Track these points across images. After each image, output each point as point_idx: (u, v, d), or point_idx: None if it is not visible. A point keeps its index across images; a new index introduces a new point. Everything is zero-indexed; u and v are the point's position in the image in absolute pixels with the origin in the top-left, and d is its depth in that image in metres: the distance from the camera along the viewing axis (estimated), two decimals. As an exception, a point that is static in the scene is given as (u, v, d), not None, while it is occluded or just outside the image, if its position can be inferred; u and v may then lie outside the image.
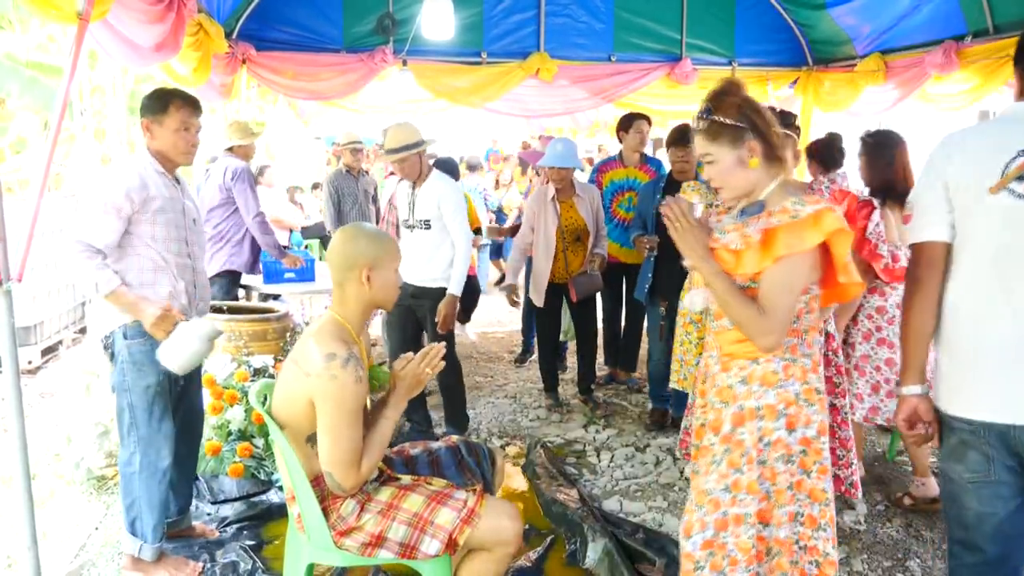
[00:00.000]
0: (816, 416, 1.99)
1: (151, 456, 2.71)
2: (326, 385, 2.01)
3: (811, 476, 2.00)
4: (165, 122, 2.70)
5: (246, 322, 4.13)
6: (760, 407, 1.98)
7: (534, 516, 3.32)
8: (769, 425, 1.97)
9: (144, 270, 2.66)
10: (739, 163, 1.96)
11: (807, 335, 2.00)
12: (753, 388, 1.99)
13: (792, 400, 1.97)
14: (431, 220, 3.88)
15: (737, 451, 2.00)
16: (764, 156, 1.95)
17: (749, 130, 1.94)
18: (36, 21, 7.57)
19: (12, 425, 2.37)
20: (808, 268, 1.92)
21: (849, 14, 5.57)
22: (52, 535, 3.11)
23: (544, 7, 5.86)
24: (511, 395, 5.02)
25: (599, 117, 9.29)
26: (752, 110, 1.95)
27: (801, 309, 1.96)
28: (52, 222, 5.89)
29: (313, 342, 2.08)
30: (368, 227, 2.28)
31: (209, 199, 4.91)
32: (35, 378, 5.41)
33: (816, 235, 1.87)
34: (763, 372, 1.99)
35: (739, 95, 1.97)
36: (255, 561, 2.91)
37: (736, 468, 2.00)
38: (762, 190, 1.99)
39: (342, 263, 2.15)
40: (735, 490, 1.99)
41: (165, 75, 3.95)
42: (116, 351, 2.68)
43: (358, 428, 2.07)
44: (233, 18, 5.30)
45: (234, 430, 3.57)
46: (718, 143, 1.96)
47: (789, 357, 1.98)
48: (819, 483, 2.00)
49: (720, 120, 1.95)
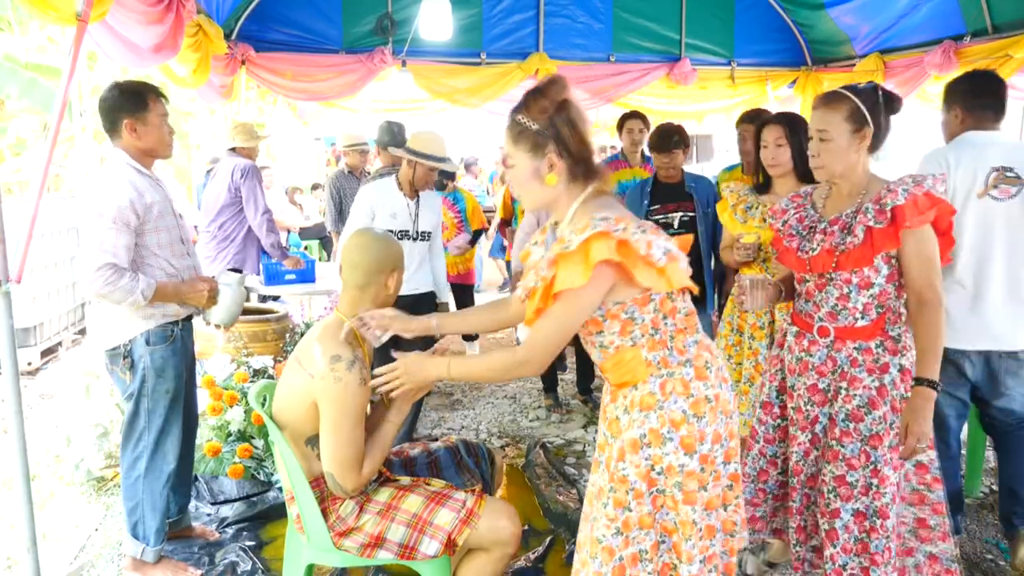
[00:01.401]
0: (710, 428, 1.77)
1: (158, 460, 2.71)
2: (331, 387, 2.01)
3: (708, 491, 1.80)
4: (148, 118, 2.63)
5: (245, 323, 4.13)
6: (644, 434, 1.77)
7: (534, 516, 3.32)
8: (658, 452, 1.77)
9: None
10: (535, 175, 1.78)
11: (675, 340, 1.79)
12: (634, 416, 1.79)
13: (680, 420, 1.76)
14: (431, 232, 3.76)
15: (622, 488, 1.80)
16: (568, 172, 1.77)
17: (552, 140, 1.75)
18: (35, 23, 7.58)
19: (12, 426, 2.37)
20: (588, 302, 1.72)
21: (848, 14, 5.58)
22: (52, 536, 3.12)
23: (543, 7, 5.86)
24: (511, 395, 5.02)
25: (599, 117, 9.29)
26: (564, 118, 1.75)
27: (655, 318, 1.76)
28: (51, 223, 5.90)
29: (318, 344, 2.08)
30: (382, 231, 2.29)
31: (216, 199, 4.91)
32: (35, 379, 5.41)
33: (584, 271, 1.66)
34: (641, 396, 1.78)
35: (553, 97, 1.75)
36: (255, 562, 2.91)
37: (623, 507, 1.80)
38: (564, 208, 1.80)
39: (374, 266, 2.14)
40: (626, 530, 1.80)
41: (164, 76, 3.95)
42: (136, 358, 2.64)
43: (361, 430, 2.08)
44: (232, 19, 5.30)
45: (234, 431, 3.57)
46: (518, 147, 1.78)
47: (665, 372, 1.77)
48: (715, 492, 1.80)
49: (523, 122, 1.77)
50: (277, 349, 4.26)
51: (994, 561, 3.00)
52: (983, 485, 3.60)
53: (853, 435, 2.20)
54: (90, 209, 2.52)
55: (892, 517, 2.21)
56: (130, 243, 2.53)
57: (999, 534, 3.21)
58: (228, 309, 2.83)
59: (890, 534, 2.21)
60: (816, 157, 2.22)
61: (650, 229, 1.74)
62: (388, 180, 3.70)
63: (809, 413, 2.32)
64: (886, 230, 2.12)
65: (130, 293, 2.50)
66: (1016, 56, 4.28)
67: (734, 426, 1.85)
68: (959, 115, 2.79)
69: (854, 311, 2.20)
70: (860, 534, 2.21)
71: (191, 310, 2.77)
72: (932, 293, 2.12)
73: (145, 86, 2.69)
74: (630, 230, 1.69)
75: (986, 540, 3.16)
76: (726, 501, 1.85)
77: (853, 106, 2.15)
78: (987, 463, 3.84)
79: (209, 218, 4.99)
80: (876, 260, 2.15)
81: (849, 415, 2.21)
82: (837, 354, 2.24)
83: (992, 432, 2.99)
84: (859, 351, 2.21)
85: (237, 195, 4.88)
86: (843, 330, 2.22)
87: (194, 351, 2.92)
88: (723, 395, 1.82)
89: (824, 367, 2.27)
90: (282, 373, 2.23)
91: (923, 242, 2.11)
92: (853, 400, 2.20)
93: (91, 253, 2.49)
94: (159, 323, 2.65)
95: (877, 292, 2.17)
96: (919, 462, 2.26)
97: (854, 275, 2.17)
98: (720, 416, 1.81)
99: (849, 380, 2.21)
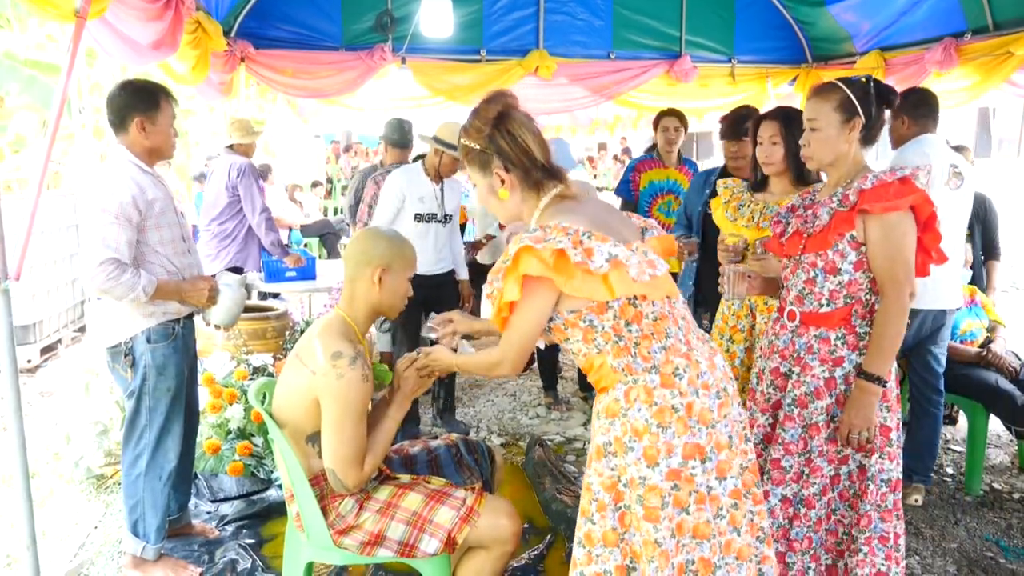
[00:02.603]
0: (678, 440, 1.67)
1: (159, 458, 2.71)
2: (333, 384, 2.01)
3: (690, 513, 1.69)
4: (158, 118, 2.64)
5: (245, 320, 4.13)
6: (610, 442, 1.72)
7: (534, 514, 3.32)
8: (621, 462, 1.70)
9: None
10: (491, 192, 1.83)
11: (639, 347, 1.71)
12: (602, 422, 1.75)
13: (642, 429, 1.68)
14: (452, 214, 4.09)
15: (586, 497, 1.76)
16: (520, 183, 1.79)
17: (495, 156, 1.77)
18: (35, 20, 7.56)
19: (11, 424, 2.37)
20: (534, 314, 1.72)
21: (849, 11, 5.57)
22: (51, 534, 3.12)
23: (543, 4, 5.85)
24: (511, 393, 5.02)
25: (599, 115, 9.29)
26: (504, 132, 1.76)
27: (615, 325, 1.71)
28: (51, 220, 5.90)
29: (319, 340, 2.08)
30: (392, 232, 2.29)
31: (215, 197, 4.91)
32: (34, 377, 5.40)
33: (516, 287, 1.67)
34: (607, 403, 1.74)
35: (487, 115, 1.78)
36: (254, 559, 2.91)
37: (587, 518, 1.74)
38: (528, 218, 1.82)
39: (359, 258, 2.16)
40: (588, 544, 1.74)
41: (163, 73, 3.94)
42: (138, 356, 2.64)
43: (363, 427, 2.08)
44: (232, 16, 5.29)
45: (233, 428, 3.57)
46: (472, 169, 1.84)
47: (630, 379, 1.71)
48: (702, 516, 1.70)
49: (467, 145, 1.82)
50: (277, 347, 4.26)
51: (994, 559, 3.00)
52: (983, 483, 3.61)
53: (796, 420, 2.21)
54: (92, 205, 2.52)
55: (818, 508, 2.22)
56: (132, 239, 2.54)
57: (998, 532, 3.21)
58: (228, 310, 2.80)
59: (812, 524, 2.22)
60: (807, 147, 2.24)
61: (597, 235, 1.68)
62: (415, 166, 4.05)
63: (771, 396, 2.33)
64: (846, 213, 2.12)
65: (132, 289, 2.50)
66: (1017, 53, 4.27)
67: (723, 436, 1.72)
68: (906, 122, 3.33)
69: (820, 296, 2.19)
70: (783, 520, 2.23)
71: (193, 308, 2.76)
72: (893, 287, 2.09)
73: (158, 87, 2.71)
74: (566, 240, 1.66)
75: (986, 538, 3.16)
76: (735, 524, 1.74)
77: (843, 96, 2.16)
78: (987, 461, 3.85)
79: (210, 217, 4.99)
80: (841, 244, 2.13)
81: (796, 400, 2.22)
82: (799, 339, 2.24)
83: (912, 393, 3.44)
84: (818, 339, 2.20)
85: (235, 194, 4.87)
86: (808, 315, 2.22)
87: (196, 349, 2.92)
88: (698, 404, 1.70)
89: (786, 350, 2.28)
90: (282, 371, 2.22)
91: (889, 230, 2.08)
92: (801, 387, 2.21)
93: (93, 248, 2.48)
94: (160, 321, 2.65)
95: (846, 280, 2.15)
96: (861, 465, 2.20)
97: (819, 258, 2.18)
98: (697, 427, 1.69)
99: (802, 366, 2.22)
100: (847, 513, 2.25)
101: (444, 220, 4.03)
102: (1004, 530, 3.23)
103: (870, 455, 2.18)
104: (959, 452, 4.00)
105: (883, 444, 2.18)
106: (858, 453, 2.20)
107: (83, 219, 2.61)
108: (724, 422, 1.73)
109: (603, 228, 1.73)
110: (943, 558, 3.00)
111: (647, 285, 1.71)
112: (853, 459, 2.21)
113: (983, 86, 4.66)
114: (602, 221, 1.77)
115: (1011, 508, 3.43)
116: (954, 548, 3.09)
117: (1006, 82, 4.49)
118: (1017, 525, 3.28)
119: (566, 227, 1.69)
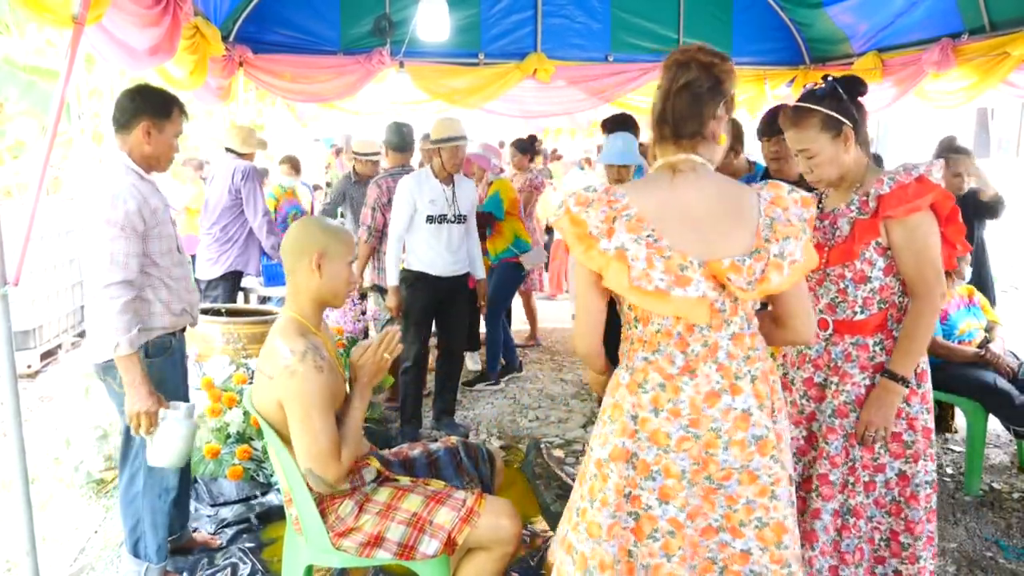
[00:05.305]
0: (615, 439, 1.69)
1: (156, 474, 2.62)
2: (287, 383, 2.01)
3: (593, 506, 1.71)
4: (166, 128, 2.58)
5: (244, 324, 4.12)
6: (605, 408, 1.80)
7: (534, 516, 3.32)
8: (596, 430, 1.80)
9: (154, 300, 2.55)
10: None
11: (632, 344, 1.74)
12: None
13: (601, 412, 1.78)
14: (467, 215, 4.09)
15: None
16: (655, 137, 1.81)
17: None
18: (33, 25, 7.57)
19: (11, 429, 2.36)
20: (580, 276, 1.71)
21: (846, 12, 5.58)
22: (51, 539, 3.11)
23: (541, 8, 5.87)
24: (510, 396, 5.02)
25: (597, 117, 9.28)
26: None
27: (627, 314, 1.74)
28: (50, 226, 5.90)
29: (269, 344, 2.09)
30: (327, 220, 2.28)
31: (217, 200, 4.89)
32: (34, 382, 5.40)
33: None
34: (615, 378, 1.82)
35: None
36: (254, 563, 2.90)
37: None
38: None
39: (294, 249, 2.14)
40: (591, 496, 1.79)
41: (161, 78, 3.95)
42: None
43: (331, 419, 2.06)
44: (230, 20, 5.30)
45: (233, 432, 3.56)
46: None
47: (626, 364, 1.75)
48: (598, 516, 1.68)
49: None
50: (276, 350, 4.25)
51: (993, 558, 3.00)
52: (983, 483, 3.61)
53: (838, 431, 2.16)
54: (96, 216, 2.42)
55: (865, 518, 2.16)
56: (139, 251, 2.45)
57: (998, 532, 3.21)
58: (174, 449, 2.41)
59: (863, 534, 2.16)
60: (810, 173, 2.19)
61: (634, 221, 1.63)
62: (424, 170, 4.13)
63: (804, 408, 2.26)
64: (869, 221, 2.08)
65: (122, 330, 2.35)
66: (1014, 53, 4.28)
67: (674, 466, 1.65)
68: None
69: (853, 304, 2.14)
70: (832, 533, 2.17)
71: (186, 320, 2.70)
72: (923, 287, 2.06)
73: (175, 99, 2.65)
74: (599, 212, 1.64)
75: (985, 537, 3.16)
76: (668, 551, 1.67)
77: (822, 116, 2.12)
78: (987, 461, 3.85)
79: (211, 220, 4.98)
80: (868, 252, 2.10)
81: (835, 411, 2.17)
82: (834, 348, 2.18)
83: None
84: (855, 346, 2.15)
85: (237, 197, 4.86)
86: (842, 323, 2.16)
87: (186, 362, 2.85)
88: (654, 423, 1.66)
89: (820, 360, 2.22)
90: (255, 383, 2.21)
91: (914, 231, 2.05)
92: (841, 396, 2.16)
93: (101, 266, 2.38)
94: (159, 334, 2.57)
95: (877, 286, 2.11)
96: (902, 472, 2.16)
97: (846, 270, 2.13)
98: (645, 442, 1.66)
99: (840, 375, 2.16)
100: (884, 519, 2.19)
101: (457, 220, 4.04)
102: (1004, 530, 3.23)
103: (914, 460, 2.13)
104: (958, 452, 4.00)
105: (925, 446, 2.13)
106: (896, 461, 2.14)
107: (85, 228, 2.54)
108: (682, 455, 1.66)
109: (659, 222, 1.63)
110: (943, 558, 2.99)
111: (650, 295, 1.61)
112: (891, 467, 2.16)
113: (980, 87, 4.67)
114: (669, 216, 1.65)
115: (1011, 508, 3.43)
116: (954, 548, 3.09)
117: (1003, 82, 4.49)
118: (1017, 525, 3.28)
119: (615, 200, 1.65)
